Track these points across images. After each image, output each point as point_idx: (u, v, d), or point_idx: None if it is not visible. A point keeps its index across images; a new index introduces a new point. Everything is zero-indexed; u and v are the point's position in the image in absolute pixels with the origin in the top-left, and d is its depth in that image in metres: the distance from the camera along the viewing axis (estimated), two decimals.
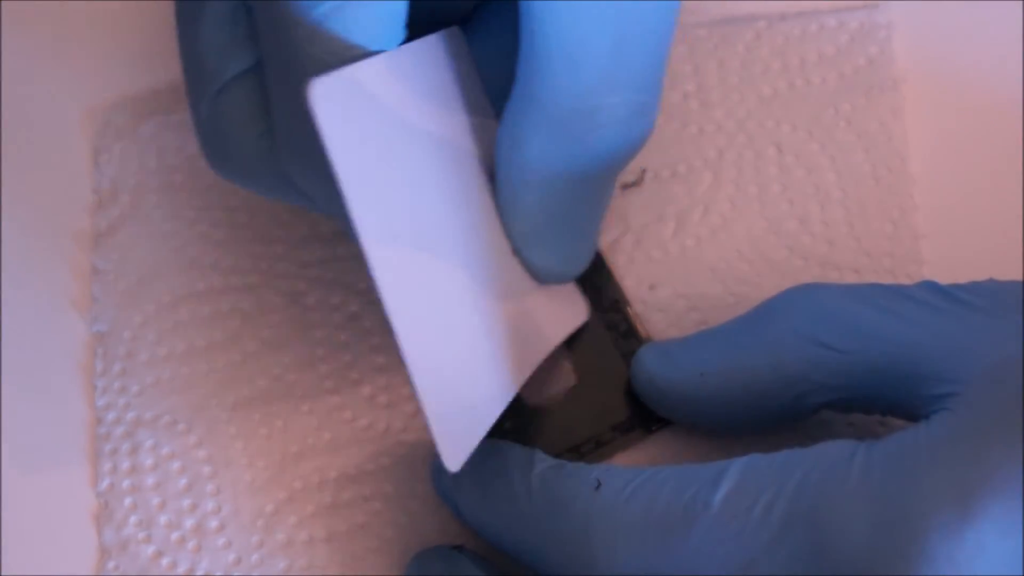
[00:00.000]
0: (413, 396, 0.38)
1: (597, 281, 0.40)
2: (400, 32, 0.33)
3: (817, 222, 0.41)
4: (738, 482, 0.32)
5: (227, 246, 0.41)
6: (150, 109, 0.42)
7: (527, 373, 0.36)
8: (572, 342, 0.39)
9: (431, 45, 0.35)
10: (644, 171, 0.41)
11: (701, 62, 0.42)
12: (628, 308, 0.40)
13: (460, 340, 0.33)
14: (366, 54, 0.31)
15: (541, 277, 0.37)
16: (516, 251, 0.36)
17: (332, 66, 0.30)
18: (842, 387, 0.34)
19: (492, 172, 0.36)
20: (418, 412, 0.39)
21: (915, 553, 0.29)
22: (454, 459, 0.32)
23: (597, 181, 0.36)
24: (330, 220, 0.41)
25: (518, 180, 0.35)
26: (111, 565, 0.39)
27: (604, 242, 0.40)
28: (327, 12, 0.31)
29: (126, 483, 0.39)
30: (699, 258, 0.40)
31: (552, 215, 0.36)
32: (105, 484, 0.39)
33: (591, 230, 0.37)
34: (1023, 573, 0.29)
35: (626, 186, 0.41)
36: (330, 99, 0.29)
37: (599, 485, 0.33)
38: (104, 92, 0.43)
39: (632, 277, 0.40)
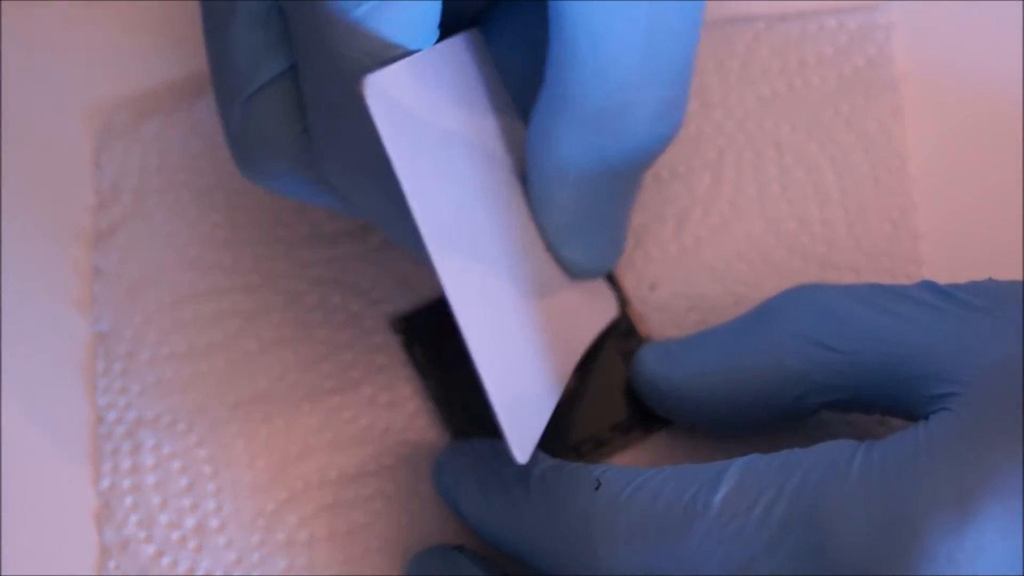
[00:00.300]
0: (421, 393, 0.39)
1: None
2: (434, 31, 0.33)
3: (816, 222, 0.41)
4: (738, 482, 0.32)
5: (228, 246, 0.41)
6: (151, 109, 0.42)
7: (572, 366, 0.37)
8: None
9: (455, 46, 0.35)
10: None
11: (700, 62, 0.42)
12: (628, 308, 0.40)
13: (515, 339, 0.34)
14: (404, 54, 0.31)
15: (575, 272, 0.37)
16: (550, 248, 0.36)
17: (370, 67, 0.30)
18: (842, 387, 0.34)
19: (520, 170, 0.36)
20: (420, 411, 0.39)
21: (915, 553, 0.29)
22: (522, 451, 0.33)
23: (629, 177, 0.36)
24: (332, 220, 0.41)
25: (552, 179, 0.35)
26: (112, 565, 0.39)
27: None
28: (366, 12, 0.31)
29: (127, 482, 0.39)
30: (699, 258, 0.40)
31: (586, 211, 0.36)
32: (106, 483, 0.39)
33: (622, 224, 0.37)
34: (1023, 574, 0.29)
35: None
36: (384, 95, 0.29)
37: (599, 485, 0.33)
38: (105, 92, 0.43)
39: (632, 277, 0.40)
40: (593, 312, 0.39)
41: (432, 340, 0.39)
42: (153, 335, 0.40)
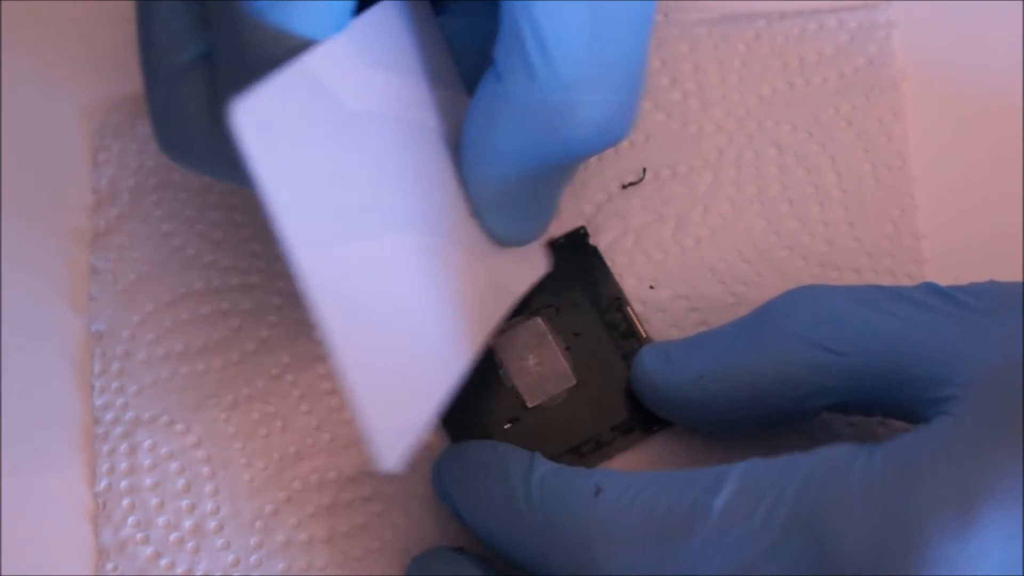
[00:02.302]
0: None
1: (597, 280, 0.40)
2: (346, 17, 0.33)
3: (817, 222, 0.41)
4: (738, 487, 0.32)
5: (226, 246, 0.41)
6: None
7: (490, 326, 0.36)
8: (572, 342, 0.39)
9: (383, 12, 0.35)
10: (644, 171, 0.41)
11: (701, 61, 0.42)
12: (628, 308, 0.40)
13: (401, 326, 0.33)
14: (311, 42, 0.32)
15: (499, 241, 0.37)
16: (476, 216, 0.36)
17: (275, 54, 0.31)
18: (842, 390, 0.34)
19: (453, 139, 0.36)
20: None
21: (916, 557, 0.29)
22: (390, 458, 0.31)
23: (564, 168, 0.36)
24: None
25: (483, 159, 0.35)
26: (109, 566, 0.38)
27: (604, 242, 0.40)
28: (268, 4, 0.31)
29: (124, 483, 0.39)
30: (699, 258, 0.40)
31: (514, 192, 0.36)
32: (103, 484, 0.39)
33: (549, 202, 0.37)
34: None
35: (626, 186, 0.41)
36: (254, 117, 0.29)
37: (599, 491, 0.33)
38: (103, 92, 0.42)
39: (632, 277, 0.40)
40: (520, 271, 0.38)
41: None
42: (150, 335, 0.40)
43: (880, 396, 0.34)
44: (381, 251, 0.33)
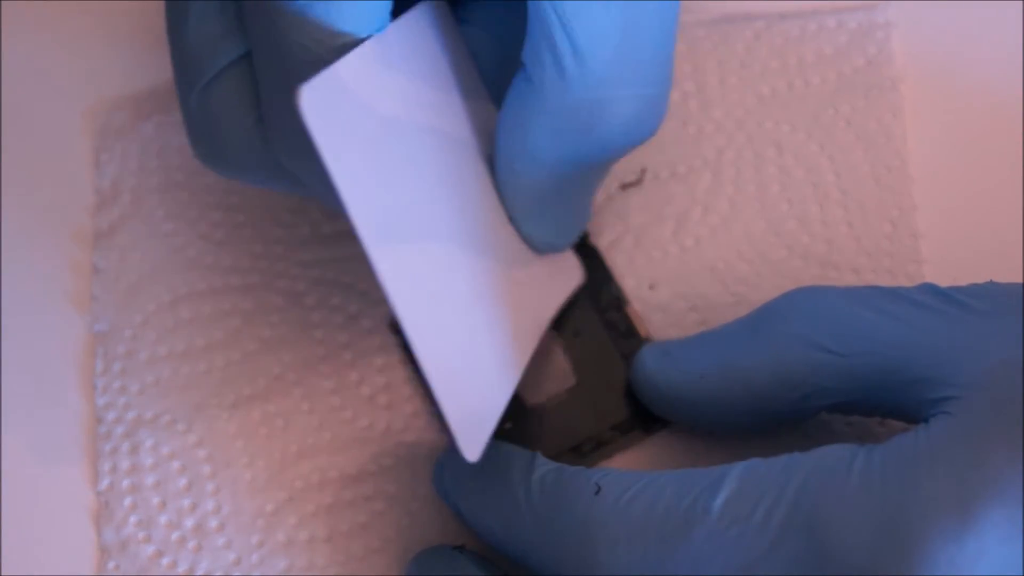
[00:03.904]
0: (421, 393, 0.39)
1: (597, 280, 0.40)
2: (386, 15, 0.33)
3: (816, 222, 0.41)
4: (738, 487, 0.32)
5: (227, 246, 0.41)
6: (151, 109, 0.42)
7: (534, 342, 0.37)
8: (572, 342, 0.39)
9: (414, 19, 0.35)
10: (644, 171, 0.41)
11: (700, 62, 0.42)
12: (628, 308, 0.40)
13: (465, 325, 0.34)
14: (353, 40, 0.32)
15: (537, 248, 0.37)
16: (513, 223, 0.37)
17: (318, 53, 0.31)
18: (842, 390, 0.34)
19: (484, 148, 0.36)
20: (419, 412, 0.39)
21: (916, 558, 0.29)
22: (473, 449, 0.32)
23: (599, 168, 0.36)
24: (331, 220, 0.41)
25: (519, 165, 0.35)
26: (111, 565, 0.39)
27: (604, 242, 0.40)
28: (310, 1, 0.31)
29: (126, 483, 0.39)
30: (699, 258, 0.40)
31: (551, 196, 0.36)
32: (105, 484, 0.39)
33: (584, 205, 0.38)
34: None
35: (626, 186, 0.41)
36: (320, 103, 0.29)
37: (599, 490, 0.33)
38: (104, 92, 0.42)
39: (632, 277, 0.40)
40: (557, 281, 0.39)
41: None
42: (152, 335, 0.40)
43: (879, 396, 0.34)
44: (440, 251, 0.33)
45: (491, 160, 0.36)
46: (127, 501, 0.39)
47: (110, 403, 0.40)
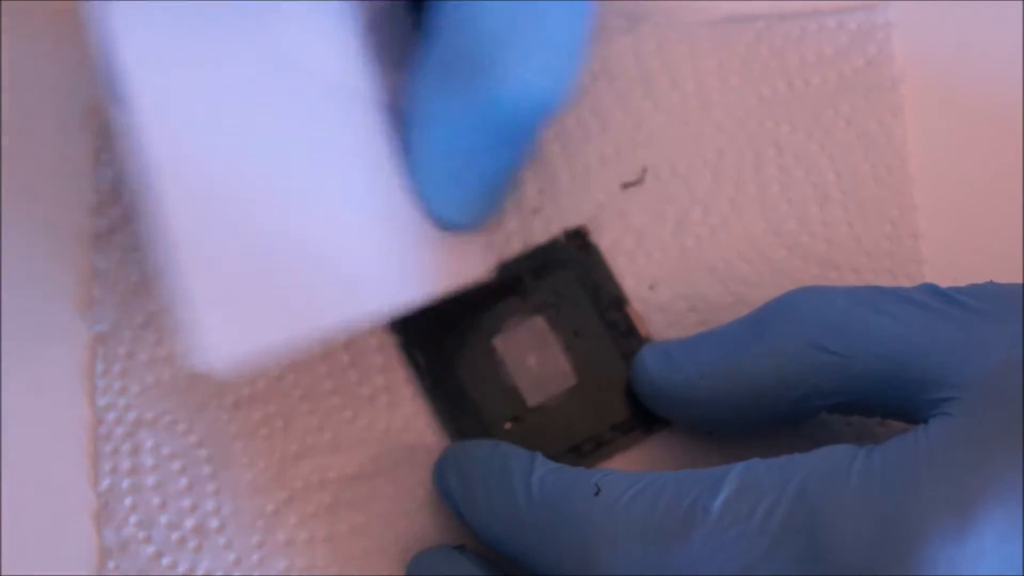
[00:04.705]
0: (422, 393, 0.39)
1: (597, 280, 0.40)
2: None
3: (816, 222, 0.41)
4: (737, 487, 0.32)
5: None
6: None
7: (396, 303, 0.35)
8: (572, 342, 0.39)
9: (370, 8, 0.35)
10: (645, 170, 0.41)
11: (701, 62, 0.42)
12: (628, 307, 0.40)
13: (267, 258, 0.33)
14: None
15: (438, 225, 0.36)
16: (416, 199, 0.36)
17: None
18: (842, 390, 0.34)
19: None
20: (419, 412, 0.39)
21: (915, 558, 0.29)
22: (209, 358, 0.31)
23: (499, 135, 0.35)
24: None
25: (416, 118, 0.35)
26: (111, 565, 0.39)
27: (604, 241, 0.40)
28: None
29: (126, 483, 0.39)
30: (699, 258, 0.40)
31: (447, 158, 0.35)
32: (105, 484, 0.39)
33: (494, 183, 0.36)
34: None
35: (627, 185, 0.41)
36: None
37: (598, 491, 0.33)
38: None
39: (632, 276, 0.40)
40: (452, 266, 0.37)
41: (430, 341, 0.39)
42: (153, 335, 0.40)
43: (879, 397, 0.34)
44: (265, 193, 0.33)
45: None
46: (127, 501, 0.39)
47: (111, 404, 0.40)
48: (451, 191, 0.36)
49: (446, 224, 0.36)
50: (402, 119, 0.35)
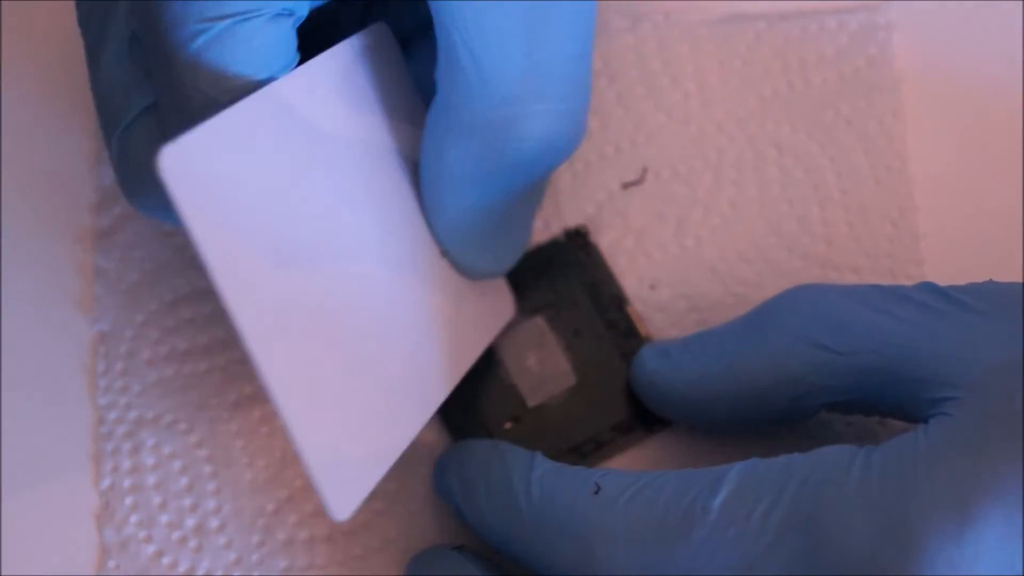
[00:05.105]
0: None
1: (598, 280, 0.40)
2: (291, 54, 0.33)
3: (817, 223, 0.41)
4: (737, 487, 0.32)
5: None
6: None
7: (462, 371, 0.36)
8: (572, 341, 0.39)
9: (345, 53, 0.34)
10: (645, 170, 0.41)
11: (702, 62, 0.42)
12: (628, 307, 0.40)
13: (357, 373, 0.33)
14: (251, 83, 0.31)
15: (467, 275, 0.37)
16: (443, 252, 0.36)
17: (213, 96, 0.31)
18: (842, 389, 0.34)
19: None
20: None
21: (914, 558, 0.29)
22: (341, 508, 0.31)
23: (522, 186, 0.36)
24: None
25: (440, 185, 0.35)
26: (112, 564, 0.39)
27: (605, 241, 0.40)
28: (203, 45, 0.31)
29: (127, 482, 0.39)
30: (699, 258, 0.40)
31: (476, 217, 0.36)
32: (106, 483, 0.39)
33: (520, 228, 0.37)
34: None
35: (627, 185, 0.41)
36: (183, 165, 0.28)
37: (598, 490, 0.33)
38: None
39: (632, 276, 0.40)
40: (487, 317, 0.38)
41: None
42: (154, 334, 0.40)
43: (879, 395, 0.34)
44: (333, 294, 0.32)
45: None
46: (128, 501, 0.39)
47: (112, 403, 0.40)
48: (484, 246, 0.37)
49: (477, 275, 0.37)
50: (419, 177, 0.36)
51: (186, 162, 0.28)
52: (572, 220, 0.41)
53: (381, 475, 0.33)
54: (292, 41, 0.33)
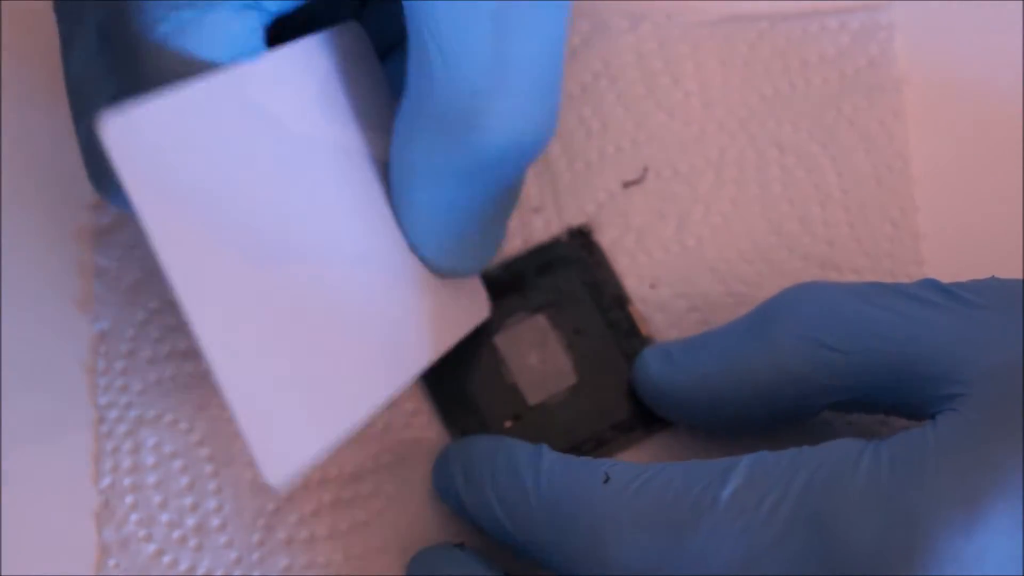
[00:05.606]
0: (421, 391, 0.39)
1: (599, 279, 0.40)
2: (256, 43, 0.33)
3: (818, 222, 0.41)
4: (746, 479, 0.32)
5: None
6: None
7: (423, 365, 0.36)
8: (574, 340, 0.39)
9: (312, 45, 0.34)
10: (646, 169, 0.41)
11: (703, 61, 0.42)
12: (630, 307, 0.40)
13: (306, 345, 0.32)
14: (217, 71, 0.31)
15: (437, 272, 0.37)
16: (411, 248, 0.36)
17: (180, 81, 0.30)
18: (844, 388, 0.34)
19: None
20: (419, 410, 0.39)
21: (922, 553, 0.29)
22: (276, 472, 0.30)
23: (488, 182, 0.35)
24: None
25: (407, 179, 0.35)
26: (111, 563, 0.39)
27: (606, 240, 0.40)
28: (171, 30, 0.31)
29: (127, 481, 0.39)
30: (700, 257, 0.40)
31: (445, 215, 0.36)
32: (107, 482, 0.39)
33: (491, 229, 0.37)
34: None
35: (628, 184, 0.41)
36: (128, 136, 0.28)
37: (607, 479, 0.33)
38: None
39: (633, 276, 0.40)
40: (458, 313, 0.38)
41: None
42: (154, 333, 0.40)
43: (883, 393, 0.34)
44: (286, 275, 0.32)
45: None
46: (128, 499, 0.39)
47: (112, 402, 0.40)
48: (455, 245, 0.36)
49: (447, 272, 0.37)
50: (388, 174, 0.36)
51: (132, 130, 0.28)
52: (573, 219, 0.41)
53: (323, 448, 0.32)
54: (259, 36, 0.33)
